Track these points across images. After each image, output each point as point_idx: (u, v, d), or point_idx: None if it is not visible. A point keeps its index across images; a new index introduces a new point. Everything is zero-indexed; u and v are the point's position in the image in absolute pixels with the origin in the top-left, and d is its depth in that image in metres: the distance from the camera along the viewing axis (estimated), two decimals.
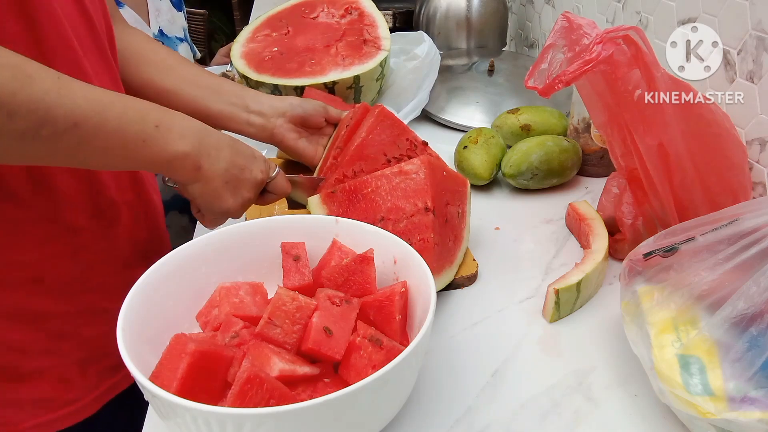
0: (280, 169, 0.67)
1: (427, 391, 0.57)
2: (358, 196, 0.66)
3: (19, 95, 0.46)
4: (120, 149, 0.53)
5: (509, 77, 1.12)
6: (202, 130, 0.59)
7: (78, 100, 0.50)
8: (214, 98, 0.77)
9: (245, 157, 0.63)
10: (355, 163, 0.73)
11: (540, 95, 0.58)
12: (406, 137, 0.76)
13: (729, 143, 0.66)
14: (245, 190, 0.63)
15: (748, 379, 0.46)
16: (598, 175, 0.90)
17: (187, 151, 0.57)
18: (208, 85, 0.78)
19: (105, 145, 0.52)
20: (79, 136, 0.50)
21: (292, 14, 1.07)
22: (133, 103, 0.55)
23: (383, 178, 0.66)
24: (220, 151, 0.60)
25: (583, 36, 0.57)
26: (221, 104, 0.77)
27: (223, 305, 0.55)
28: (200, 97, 0.77)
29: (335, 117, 0.84)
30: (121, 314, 0.49)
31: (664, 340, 0.51)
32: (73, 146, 0.51)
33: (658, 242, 0.56)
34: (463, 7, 1.27)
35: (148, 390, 0.43)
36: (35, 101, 0.47)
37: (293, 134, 0.81)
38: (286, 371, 0.47)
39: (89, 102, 0.51)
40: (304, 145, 0.82)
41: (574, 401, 0.56)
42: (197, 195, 0.60)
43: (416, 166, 0.66)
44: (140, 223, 0.71)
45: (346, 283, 0.56)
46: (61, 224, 0.62)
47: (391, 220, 0.65)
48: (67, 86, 0.50)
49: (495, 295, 0.69)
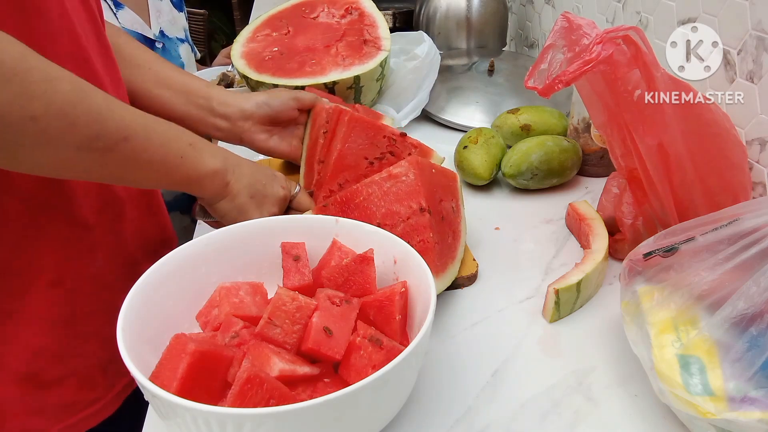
0: (302, 187, 0.70)
1: (427, 391, 0.57)
2: (350, 206, 0.66)
3: (79, 107, 0.48)
4: (162, 165, 0.56)
5: (509, 77, 1.12)
6: (226, 150, 0.63)
7: (126, 116, 0.52)
8: (180, 100, 0.76)
9: (266, 175, 0.66)
10: (339, 176, 0.74)
11: (540, 95, 0.58)
12: (383, 134, 0.75)
13: (729, 143, 0.66)
14: (270, 204, 0.66)
15: (748, 379, 0.46)
16: (598, 175, 0.90)
17: (217, 168, 0.60)
18: (177, 86, 0.76)
19: (150, 160, 0.55)
20: (129, 150, 0.52)
21: (292, 14, 1.07)
22: (168, 125, 0.58)
23: (373, 184, 0.66)
24: (243, 167, 0.64)
25: (583, 36, 0.57)
26: (187, 107, 0.76)
27: (223, 305, 0.55)
28: (166, 98, 0.76)
29: (308, 103, 0.81)
30: (121, 314, 0.49)
31: (664, 340, 0.51)
32: (122, 159, 0.53)
33: (658, 242, 0.56)
34: (463, 7, 1.27)
35: (148, 390, 0.43)
36: (93, 113, 0.49)
37: (263, 135, 0.79)
38: (286, 371, 0.47)
39: (135, 118, 0.54)
40: (276, 143, 0.80)
41: (574, 401, 0.56)
42: (226, 211, 0.63)
43: (405, 168, 0.66)
44: (144, 218, 0.71)
45: (346, 283, 0.56)
46: (77, 222, 0.62)
47: (387, 226, 0.64)
48: (114, 102, 0.52)
49: (495, 295, 0.69)
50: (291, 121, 0.82)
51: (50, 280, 0.61)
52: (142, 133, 0.53)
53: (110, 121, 0.50)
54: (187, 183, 0.59)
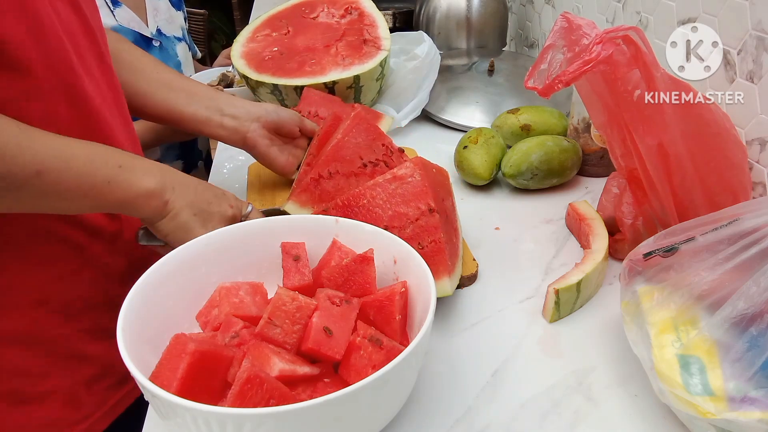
0: (254, 207, 0.67)
1: (427, 391, 0.57)
2: (354, 210, 0.65)
3: None
4: (86, 193, 0.54)
5: (509, 77, 1.12)
6: (166, 168, 0.61)
7: (41, 150, 0.51)
8: (187, 101, 0.76)
9: (213, 193, 0.64)
10: (331, 164, 0.73)
11: (540, 95, 0.58)
12: (382, 142, 0.76)
13: (729, 143, 0.66)
14: (216, 222, 0.63)
15: (748, 379, 0.46)
16: (598, 175, 0.90)
17: (151, 188, 0.57)
18: (182, 88, 0.77)
19: (70, 189, 0.53)
20: (43, 184, 0.51)
21: (292, 14, 1.07)
22: (95, 148, 0.56)
23: (378, 187, 0.66)
24: (186, 186, 0.61)
25: (583, 36, 0.57)
26: (195, 107, 0.76)
27: (223, 305, 0.55)
28: (173, 100, 0.76)
29: (310, 129, 0.83)
30: (121, 314, 0.49)
31: (664, 340, 0.51)
32: (37, 193, 0.52)
33: (658, 242, 0.56)
34: (463, 7, 1.27)
35: (148, 390, 0.43)
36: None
37: (266, 140, 0.80)
38: (286, 371, 0.47)
39: (53, 150, 0.52)
40: (276, 153, 0.81)
41: (574, 401, 0.56)
42: (169, 230, 0.60)
43: (411, 170, 0.66)
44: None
45: (346, 283, 0.56)
46: (68, 242, 0.62)
47: (396, 228, 0.64)
48: (31, 137, 0.51)
49: (495, 295, 0.69)
50: (291, 136, 0.83)
51: (35, 300, 0.61)
52: (58, 164, 0.52)
53: (18, 158, 0.49)
54: (120, 206, 0.57)
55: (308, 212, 0.71)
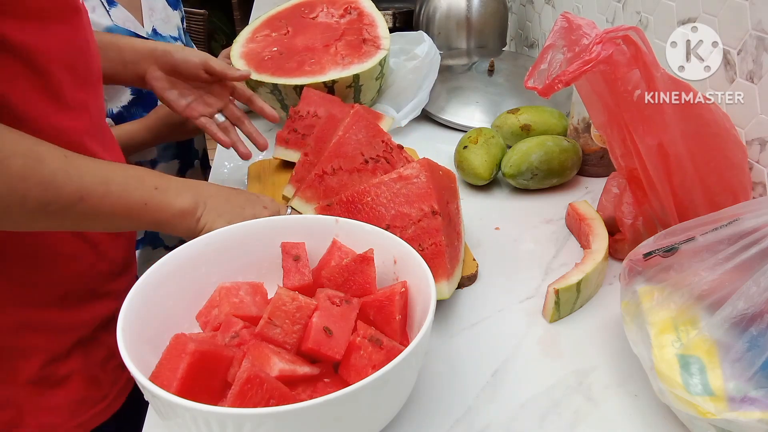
0: (294, 209, 0.70)
1: (427, 391, 0.57)
2: (357, 207, 0.66)
3: (31, 179, 0.50)
4: (126, 214, 0.57)
5: (509, 77, 1.12)
6: (198, 184, 0.64)
7: (84, 176, 0.54)
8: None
9: (245, 198, 0.67)
10: (334, 160, 0.74)
11: (540, 95, 0.58)
12: (381, 139, 0.76)
13: (729, 143, 0.66)
14: None
15: (748, 379, 0.46)
16: (598, 175, 0.90)
17: (185, 207, 0.60)
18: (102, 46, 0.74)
19: (111, 212, 0.56)
20: (87, 207, 0.54)
21: (291, 14, 1.07)
22: (133, 171, 0.59)
23: (382, 185, 0.66)
24: (217, 197, 0.64)
25: (583, 36, 0.57)
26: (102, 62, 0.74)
27: (223, 305, 0.55)
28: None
29: (220, 72, 0.79)
30: (121, 314, 0.49)
31: (664, 340, 0.51)
32: (81, 216, 0.55)
33: (658, 242, 0.56)
34: (463, 7, 1.27)
35: (148, 390, 0.43)
36: (46, 182, 0.51)
37: (163, 83, 0.78)
38: (286, 371, 0.47)
39: (94, 176, 0.54)
40: (175, 96, 0.79)
41: (574, 401, 0.56)
42: None
43: (416, 170, 0.66)
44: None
45: (346, 283, 0.56)
46: (88, 240, 0.65)
47: (398, 228, 0.64)
48: (75, 164, 0.53)
49: (495, 295, 0.69)
50: (196, 79, 0.80)
51: (58, 295, 0.64)
52: (100, 189, 0.54)
53: (65, 186, 0.52)
54: (156, 225, 0.60)
55: (313, 207, 0.71)
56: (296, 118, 0.91)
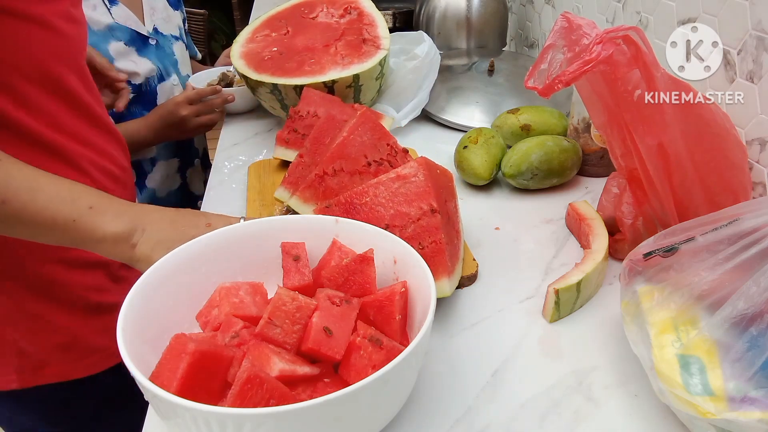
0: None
1: (427, 391, 0.57)
2: (356, 207, 0.65)
3: None
4: (48, 226, 0.57)
5: (509, 77, 1.12)
6: (142, 209, 0.62)
7: (12, 180, 0.55)
8: None
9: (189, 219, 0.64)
10: (336, 161, 0.73)
11: (540, 95, 0.58)
12: (387, 142, 0.76)
13: (729, 143, 0.66)
14: None
15: (748, 379, 0.46)
16: (598, 175, 0.90)
17: (118, 232, 0.59)
18: None
19: (34, 220, 0.56)
20: (7, 211, 0.55)
21: (291, 14, 1.07)
22: (71, 187, 0.59)
23: (380, 185, 0.66)
24: (159, 222, 0.62)
25: (583, 36, 0.57)
26: None
27: (223, 305, 0.55)
28: None
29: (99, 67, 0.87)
30: (121, 314, 0.49)
31: (664, 340, 0.51)
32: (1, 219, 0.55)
33: (658, 242, 0.56)
34: (463, 7, 1.27)
35: (148, 390, 0.43)
36: None
37: None
38: (286, 371, 0.47)
39: (23, 182, 0.55)
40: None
41: (574, 401, 0.56)
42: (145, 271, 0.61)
43: (414, 169, 0.66)
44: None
45: (346, 283, 0.56)
46: None
47: (397, 227, 0.64)
48: (5, 166, 0.55)
49: (495, 295, 0.69)
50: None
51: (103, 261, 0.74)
52: (25, 196, 0.55)
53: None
54: (84, 244, 0.59)
55: (311, 208, 0.71)
56: (296, 118, 0.91)
